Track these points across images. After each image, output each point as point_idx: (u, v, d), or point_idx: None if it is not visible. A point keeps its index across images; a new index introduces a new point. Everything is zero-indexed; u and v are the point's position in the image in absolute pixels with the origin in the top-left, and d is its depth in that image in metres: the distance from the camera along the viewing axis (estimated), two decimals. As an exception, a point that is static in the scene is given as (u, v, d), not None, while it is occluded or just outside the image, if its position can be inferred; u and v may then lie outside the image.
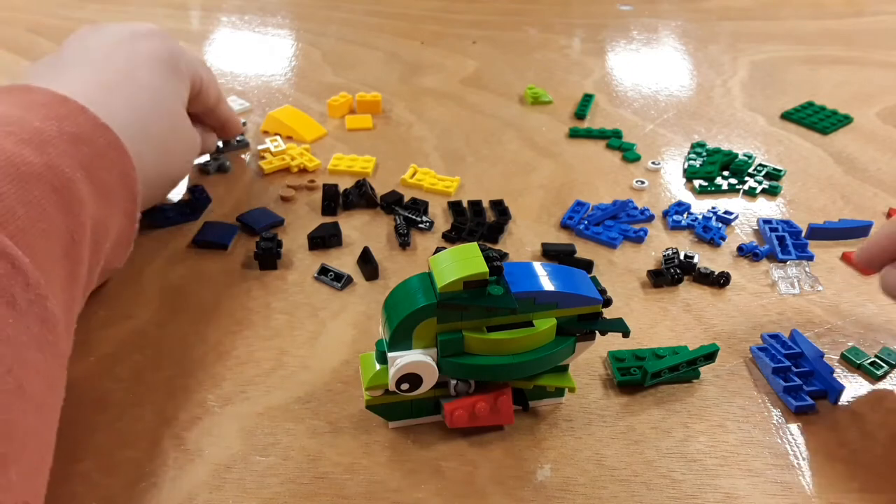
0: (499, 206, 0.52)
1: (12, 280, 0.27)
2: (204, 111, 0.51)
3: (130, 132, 0.40)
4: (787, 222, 0.50)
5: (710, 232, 0.49)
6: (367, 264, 0.45)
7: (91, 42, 0.45)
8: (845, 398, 0.37)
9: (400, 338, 0.31)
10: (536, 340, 0.32)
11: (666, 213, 0.52)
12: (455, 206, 0.52)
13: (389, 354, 0.32)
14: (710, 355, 0.38)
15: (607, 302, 0.34)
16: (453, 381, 0.33)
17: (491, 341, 0.32)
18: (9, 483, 0.23)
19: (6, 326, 0.26)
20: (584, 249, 0.48)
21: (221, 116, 0.54)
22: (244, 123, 0.62)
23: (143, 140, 0.41)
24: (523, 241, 0.49)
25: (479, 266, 0.30)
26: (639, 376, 0.38)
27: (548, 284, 0.32)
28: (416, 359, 0.31)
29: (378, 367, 0.33)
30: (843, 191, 0.55)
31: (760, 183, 0.55)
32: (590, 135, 0.62)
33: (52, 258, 0.31)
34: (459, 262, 0.30)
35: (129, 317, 0.42)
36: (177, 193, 0.53)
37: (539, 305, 0.32)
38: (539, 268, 0.33)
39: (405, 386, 0.32)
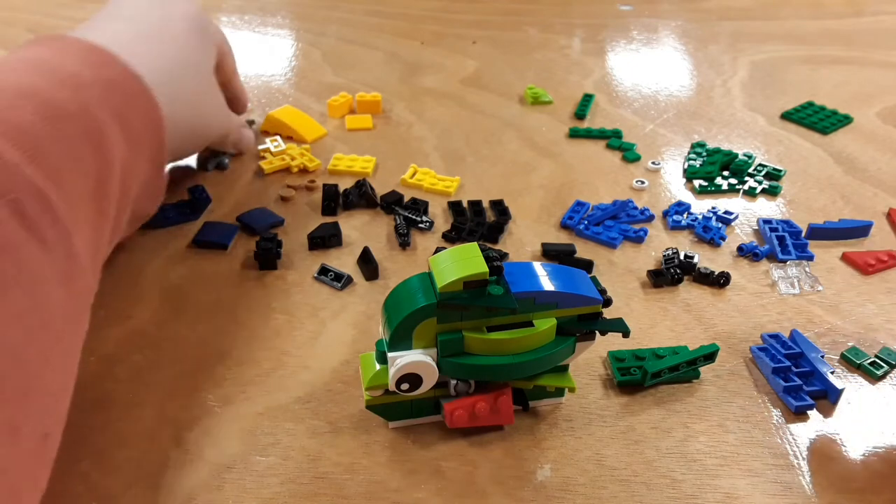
0: (499, 206, 0.52)
1: (43, 217, 0.28)
2: (222, 81, 0.53)
3: (161, 84, 0.41)
4: (787, 222, 0.50)
5: (710, 232, 0.49)
6: (367, 264, 0.45)
7: (126, 3, 0.46)
8: (845, 398, 0.37)
9: (400, 338, 0.31)
10: (536, 340, 0.32)
11: (666, 213, 0.52)
12: (455, 206, 0.52)
13: (389, 354, 0.32)
14: (710, 355, 0.38)
15: (607, 302, 0.34)
16: (453, 381, 0.33)
17: (491, 341, 0.32)
18: (27, 414, 0.24)
19: (36, 263, 0.27)
20: (584, 249, 0.48)
21: (235, 89, 0.55)
22: (252, 123, 0.62)
23: (174, 93, 0.43)
24: (523, 241, 0.49)
25: (479, 266, 0.30)
26: (639, 376, 0.38)
27: (548, 284, 0.32)
28: (416, 359, 0.31)
29: (378, 367, 0.33)
30: (843, 191, 0.55)
31: (760, 183, 0.55)
32: (590, 135, 0.62)
33: (81, 197, 0.32)
34: (459, 262, 0.30)
35: (129, 317, 0.42)
36: (176, 194, 0.53)
37: (539, 305, 0.32)
38: (539, 268, 0.33)
39: (405, 386, 0.32)
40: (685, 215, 0.51)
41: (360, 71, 0.73)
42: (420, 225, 0.49)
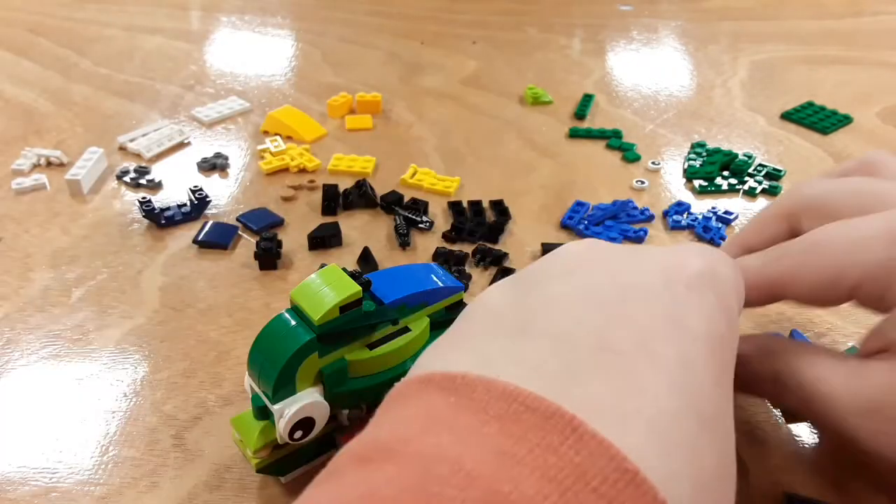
0: (499, 206, 0.52)
1: None
2: None
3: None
4: (787, 222, 0.50)
5: (710, 232, 0.49)
6: (367, 264, 0.45)
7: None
8: (845, 398, 0.37)
9: (283, 385, 0.28)
10: (417, 344, 0.31)
11: (666, 213, 0.52)
12: (455, 206, 0.52)
13: (275, 407, 0.28)
14: (710, 355, 0.38)
15: (466, 286, 0.33)
16: (345, 411, 0.31)
17: (376, 358, 0.30)
18: None
19: None
20: (584, 249, 0.48)
21: None
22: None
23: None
24: (523, 242, 0.49)
25: (350, 287, 0.28)
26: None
27: (413, 286, 0.31)
28: (307, 401, 0.28)
29: (259, 424, 0.30)
30: (843, 191, 0.55)
31: (760, 183, 0.55)
32: (590, 135, 0.62)
33: None
34: (328, 288, 0.28)
35: (129, 317, 0.42)
36: (177, 194, 0.53)
37: (410, 309, 0.31)
38: (395, 273, 0.32)
39: (298, 434, 0.29)
40: (685, 215, 0.51)
41: (360, 71, 0.73)
42: (420, 225, 0.49)
